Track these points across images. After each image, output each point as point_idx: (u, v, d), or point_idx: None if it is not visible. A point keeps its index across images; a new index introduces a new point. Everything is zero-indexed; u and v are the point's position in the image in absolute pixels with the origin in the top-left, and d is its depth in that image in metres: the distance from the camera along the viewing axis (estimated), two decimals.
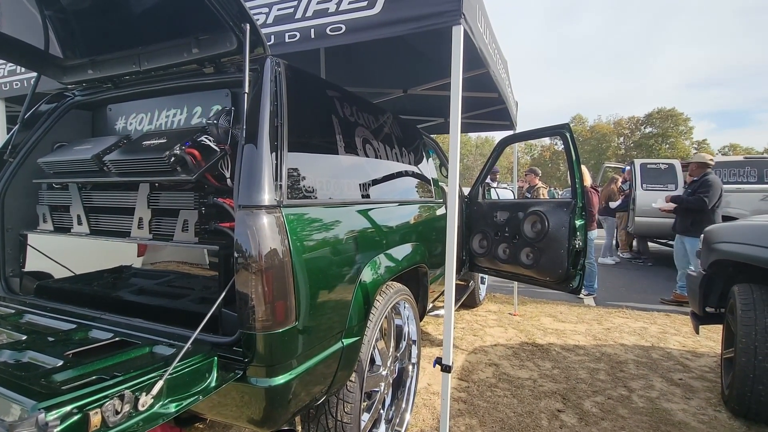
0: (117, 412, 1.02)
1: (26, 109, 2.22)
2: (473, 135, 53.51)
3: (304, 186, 1.68)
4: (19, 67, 2.95)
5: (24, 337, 1.44)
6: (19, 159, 2.17)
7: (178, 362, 1.22)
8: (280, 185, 1.50)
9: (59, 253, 2.09)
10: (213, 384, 1.32)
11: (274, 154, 1.52)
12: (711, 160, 5.37)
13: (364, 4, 1.81)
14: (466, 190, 4.07)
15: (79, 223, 2.01)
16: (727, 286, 3.04)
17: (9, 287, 2.11)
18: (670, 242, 9.25)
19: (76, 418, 0.95)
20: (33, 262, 2.14)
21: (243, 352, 1.41)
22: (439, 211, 3.16)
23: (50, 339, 1.44)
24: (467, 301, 4.76)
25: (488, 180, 7.82)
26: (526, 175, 6.88)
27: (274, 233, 1.42)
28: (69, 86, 2.28)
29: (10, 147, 2.17)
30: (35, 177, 2.16)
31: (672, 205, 5.50)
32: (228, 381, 1.35)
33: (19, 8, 2.00)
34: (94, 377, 1.13)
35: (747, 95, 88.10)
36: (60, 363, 1.21)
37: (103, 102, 2.33)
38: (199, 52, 1.81)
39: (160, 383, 1.13)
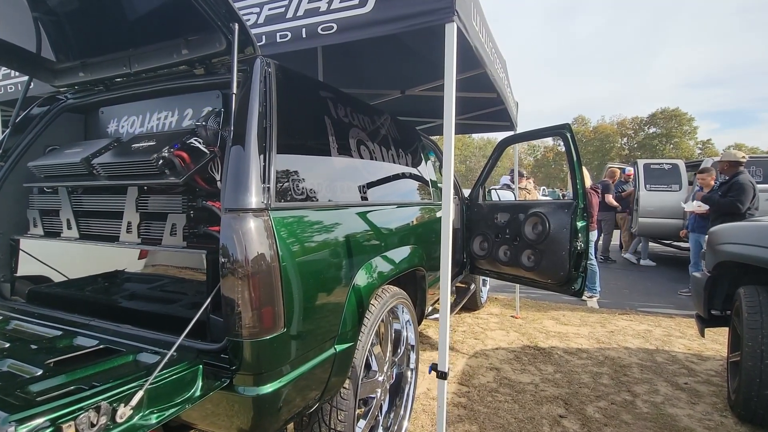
0: (92, 425, 0.98)
1: (17, 113, 2.20)
2: (476, 136, 53.55)
3: (293, 188, 1.64)
4: (13, 71, 2.94)
5: (6, 345, 1.41)
6: (10, 163, 2.15)
7: (160, 371, 1.18)
8: (268, 188, 1.47)
9: (58, 257, 2.05)
10: (197, 393, 1.28)
11: (262, 156, 1.48)
12: (743, 157, 5.10)
13: (356, 2, 1.77)
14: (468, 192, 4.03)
15: (69, 227, 1.99)
16: (733, 288, 2.98)
17: (0, 293, 2.08)
18: (675, 243, 9.19)
19: (47, 431, 0.91)
20: (33, 267, 2.11)
21: (230, 359, 1.37)
22: (439, 213, 3.11)
23: (33, 347, 1.41)
24: (468, 303, 4.71)
25: (508, 182, 7.75)
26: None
27: (262, 237, 1.38)
28: (61, 89, 2.26)
29: (0, 151, 2.15)
30: (26, 181, 2.14)
31: (706, 208, 5.32)
32: (213, 390, 1.31)
33: (10, 11, 1.98)
34: (72, 387, 1.09)
35: (750, 94, 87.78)
36: (39, 372, 1.18)
37: (95, 105, 2.30)
38: (188, 53, 1.78)
39: (139, 393, 1.09)
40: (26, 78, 2.25)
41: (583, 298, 5.44)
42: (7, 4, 1.95)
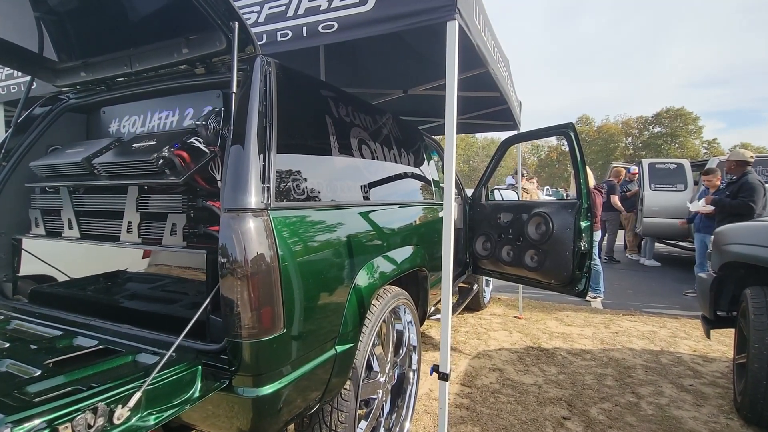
0: (89, 426, 0.97)
1: (19, 113, 2.20)
2: (479, 136, 53.41)
3: (293, 188, 1.63)
4: (16, 71, 2.95)
5: (6, 345, 1.41)
6: (12, 163, 2.16)
7: (158, 372, 1.17)
8: (268, 187, 1.45)
9: (60, 257, 2.05)
10: (196, 394, 1.27)
11: (261, 155, 1.47)
12: (751, 157, 5.03)
13: (356, 0, 1.76)
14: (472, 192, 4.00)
15: (70, 227, 1.99)
16: (739, 289, 2.95)
17: (2, 292, 2.08)
18: (680, 243, 9.11)
19: None
20: (35, 267, 2.11)
21: (229, 360, 1.36)
22: (441, 213, 3.09)
23: (33, 347, 1.41)
24: (471, 304, 4.68)
25: (513, 182, 7.69)
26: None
27: (261, 237, 1.37)
28: (63, 89, 2.26)
29: (3, 151, 2.15)
30: (28, 181, 2.14)
31: (711, 208, 5.27)
32: (212, 391, 1.30)
33: (12, 11, 1.98)
34: (70, 388, 1.08)
35: (753, 94, 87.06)
36: (38, 372, 1.17)
37: (96, 105, 2.31)
38: (189, 53, 1.78)
39: (137, 395, 1.08)
40: (28, 78, 2.25)
41: (587, 298, 5.41)
42: (9, 3, 1.95)
